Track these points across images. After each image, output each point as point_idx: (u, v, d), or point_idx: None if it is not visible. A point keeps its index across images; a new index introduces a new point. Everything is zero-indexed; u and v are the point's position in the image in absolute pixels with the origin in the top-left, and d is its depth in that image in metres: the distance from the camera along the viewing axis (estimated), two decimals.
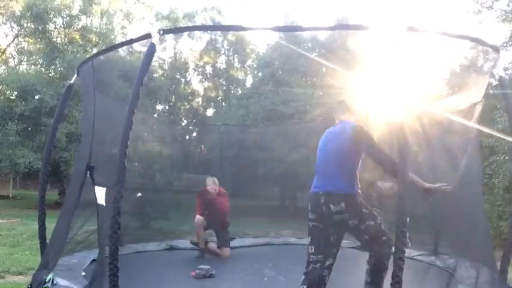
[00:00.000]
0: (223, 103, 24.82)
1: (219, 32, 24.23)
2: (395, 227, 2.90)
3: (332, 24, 18.92)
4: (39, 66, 16.65)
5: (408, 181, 3.01)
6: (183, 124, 23.76)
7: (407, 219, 2.92)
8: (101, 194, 3.66)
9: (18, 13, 17.00)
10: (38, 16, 15.58)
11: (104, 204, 3.60)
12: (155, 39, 3.33)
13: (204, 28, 30.28)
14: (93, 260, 4.81)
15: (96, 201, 3.79)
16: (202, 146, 17.36)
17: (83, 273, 4.44)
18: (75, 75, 4.75)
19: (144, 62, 3.38)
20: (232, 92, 24.53)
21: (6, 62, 19.70)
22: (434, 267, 5.39)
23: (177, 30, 15.14)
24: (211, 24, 23.52)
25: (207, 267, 5.05)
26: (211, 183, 6.40)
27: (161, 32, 3.40)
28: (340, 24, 13.14)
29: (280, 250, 7.14)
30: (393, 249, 2.93)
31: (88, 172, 4.01)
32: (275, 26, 3.52)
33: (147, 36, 3.40)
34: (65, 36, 16.66)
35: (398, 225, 2.88)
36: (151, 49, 3.39)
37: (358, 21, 16.00)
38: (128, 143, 3.11)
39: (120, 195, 3.06)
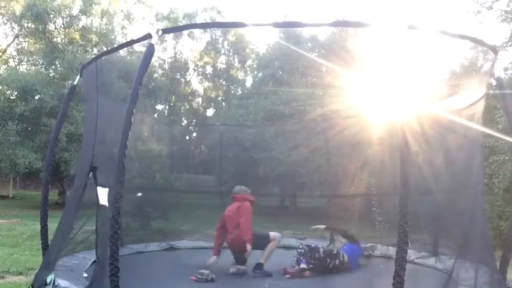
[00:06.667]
0: (223, 103, 24.83)
1: (219, 32, 24.21)
2: (397, 226, 2.89)
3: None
4: (40, 66, 16.63)
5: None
6: (183, 124, 23.77)
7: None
8: (103, 194, 3.63)
9: (18, 13, 16.97)
10: (38, 16, 15.56)
11: (107, 205, 3.57)
12: (154, 39, 3.33)
13: (203, 26, 30.14)
14: (94, 261, 4.79)
15: (98, 202, 3.78)
16: (202, 146, 17.36)
17: (85, 275, 4.39)
18: (78, 77, 4.73)
19: (142, 62, 3.38)
20: (232, 92, 24.54)
21: (6, 62, 19.69)
22: (434, 269, 5.37)
23: (176, 29, 15.27)
24: None
25: (207, 271, 4.92)
26: None
27: (160, 32, 3.39)
28: (340, 20, 13.12)
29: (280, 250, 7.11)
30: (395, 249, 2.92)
31: (91, 173, 4.00)
32: (275, 22, 3.53)
33: (148, 36, 3.40)
34: (65, 36, 16.64)
35: (400, 225, 2.87)
36: (150, 50, 3.38)
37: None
38: (128, 143, 3.10)
39: (120, 195, 3.04)
